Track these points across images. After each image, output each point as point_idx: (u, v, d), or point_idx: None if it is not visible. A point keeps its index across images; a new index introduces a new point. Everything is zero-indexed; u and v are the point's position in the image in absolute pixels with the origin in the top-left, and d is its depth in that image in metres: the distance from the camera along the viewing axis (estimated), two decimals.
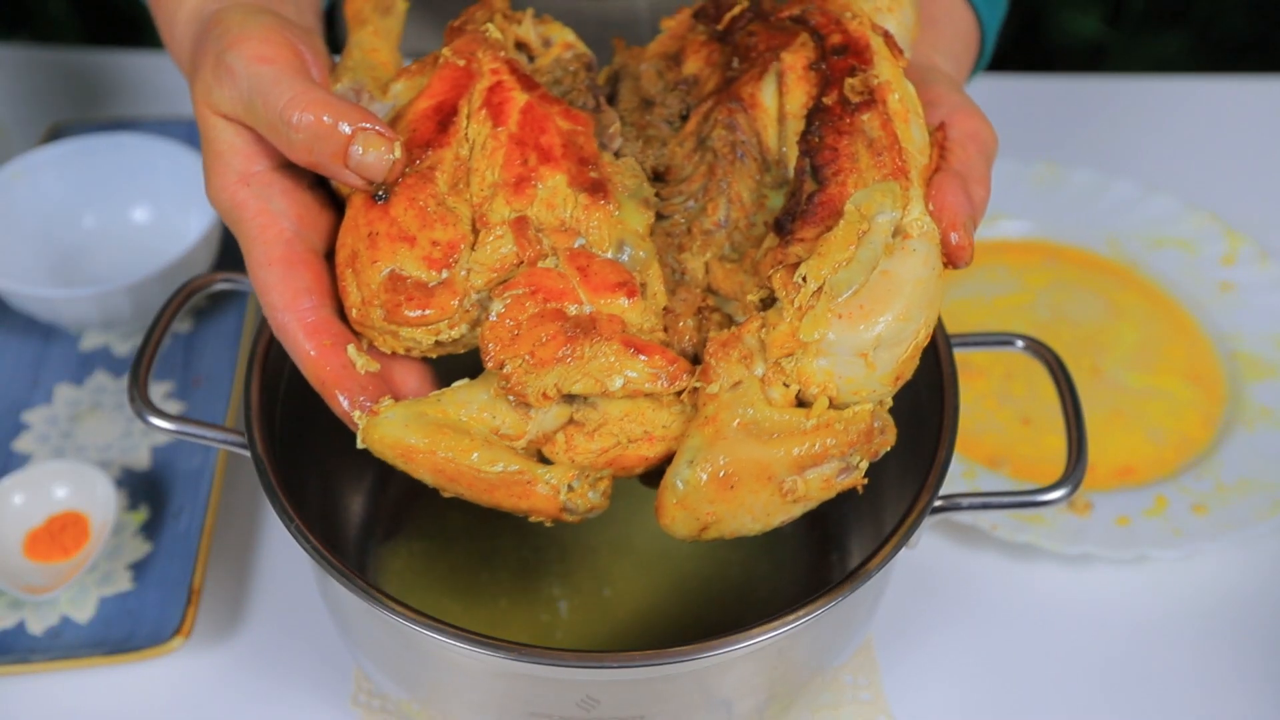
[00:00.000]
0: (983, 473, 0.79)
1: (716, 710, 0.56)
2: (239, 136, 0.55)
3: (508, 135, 0.56)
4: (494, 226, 0.54)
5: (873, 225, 0.52)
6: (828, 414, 0.51)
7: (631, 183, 0.57)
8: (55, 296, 0.82)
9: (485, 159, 0.55)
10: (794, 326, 0.51)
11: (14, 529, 0.75)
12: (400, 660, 0.58)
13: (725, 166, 0.58)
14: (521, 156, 0.55)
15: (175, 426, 0.60)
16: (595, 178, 0.55)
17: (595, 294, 0.53)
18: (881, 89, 0.55)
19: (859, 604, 0.59)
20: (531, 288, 0.53)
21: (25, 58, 1.15)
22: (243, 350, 0.86)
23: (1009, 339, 0.65)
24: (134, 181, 0.93)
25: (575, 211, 0.55)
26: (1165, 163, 1.06)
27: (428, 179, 0.55)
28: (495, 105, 0.56)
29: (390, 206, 0.54)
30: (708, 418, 0.51)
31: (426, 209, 0.54)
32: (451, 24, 0.62)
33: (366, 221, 0.54)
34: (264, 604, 0.75)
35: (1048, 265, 0.95)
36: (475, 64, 0.57)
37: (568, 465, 0.53)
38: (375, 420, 0.53)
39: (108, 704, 0.70)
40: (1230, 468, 0.80)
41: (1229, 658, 0.73)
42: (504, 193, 0.55)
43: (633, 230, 0.55)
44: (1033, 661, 0.73)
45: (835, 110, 0.55)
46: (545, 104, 0.57)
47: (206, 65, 0.55)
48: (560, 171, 0.55)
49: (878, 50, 0.57)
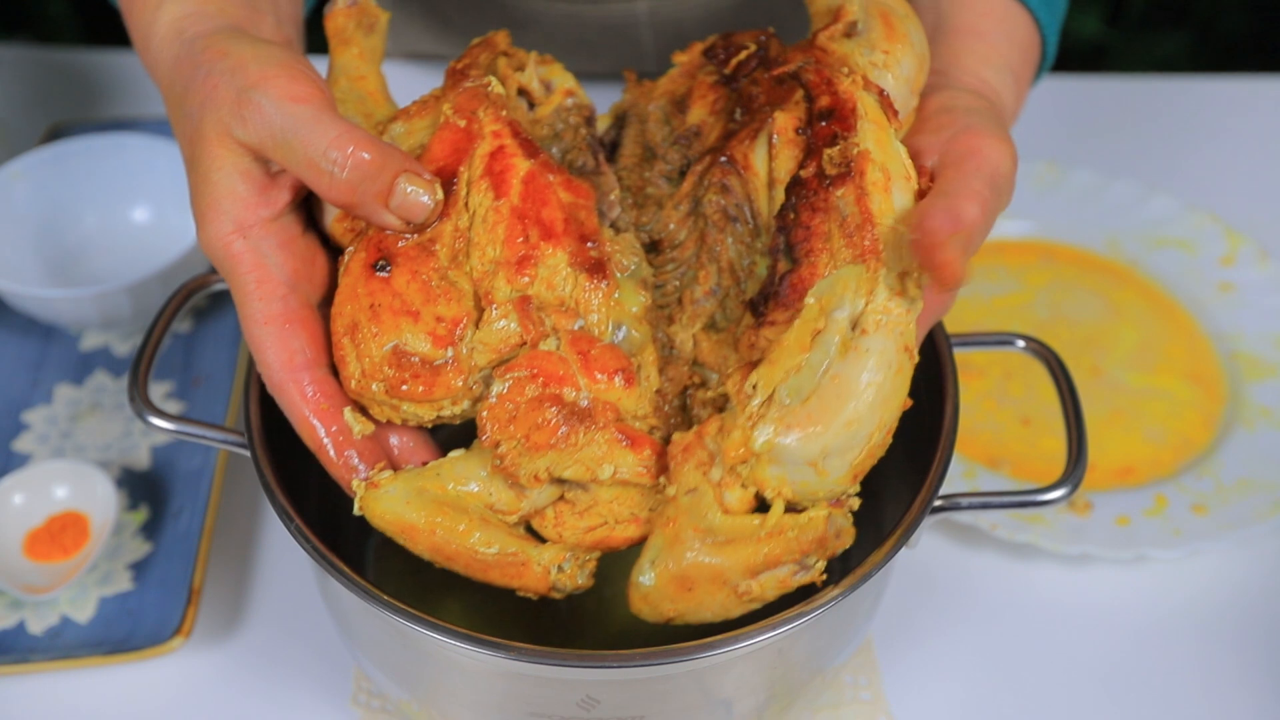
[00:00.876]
0: (982, 473, 0.79)
1: (716, 710, 0.56)
2: (242, 182, 0.54)
3: (509, 208, 0.55)
4: (498, 305, 0.54)
5: (829, 323, 0.51)
6: (781, 520, 0.51)
7: (630, 261, 0.57)
8: (55, 296, 0.82)
9: (486, 232, 0.55)
10: (746, 435, 0.51)
11: (14, 529, 0.75)
12: (400, 660, 0.58)
13: (715, 234, 0.57)
14: (523, 232, 0.55)
15: (175, 426, 0.60)
16: (596, 257, 0.55)
17: (593, 379, 0.53)
18: (861, 159, 0.53)
19: (859, 604, 0.59)
20: (532, 371, 0.53)
21: (25, 58, 1.15)
22: (243, 350, 0.86)
23: (1009, 339, 0.65)
24: (134, 181, 0.93)
25: (575, 292, 0.55)
26: (1165, 163, 1.06)
27: (429, 252, 0.54)
28: (497, 174, 0.55)
29: (393, 279, 0.54)
30: (669, 519, 0.52)
31: (430, 283, 0.54)
32: (454, 65, 0.61)
33: (368, 292, 0.54)
34: (264, 604, 0.75)
35: (1047, 265, 0.95)
36: (476, 124, 0.56)
37: (558, 546, 0.54)
38: (375, 493, 0.54)
39: (108, 704, 0.70)
40: (1230, 468, 0.80)
41: (1229, 658, 0.73)
42: (505, 271, 0.54)
43: (630, 313, 0.56)
44: (1033, 661, 0.73)
45: (812, 184, 0.53)
46: (546, 172, 0.56)
47: (223, 100, 0.53)
48: (561, 250, 0.55)
49: (864, 114, 0.55)
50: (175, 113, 0.56)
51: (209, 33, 0.56)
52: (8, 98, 1.10)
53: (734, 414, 0.51)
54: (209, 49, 0.55)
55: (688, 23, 1.04)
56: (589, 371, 0.53)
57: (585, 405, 0.53)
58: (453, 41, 1.08)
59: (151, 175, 0.93)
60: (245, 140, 0.53)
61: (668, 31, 1.05)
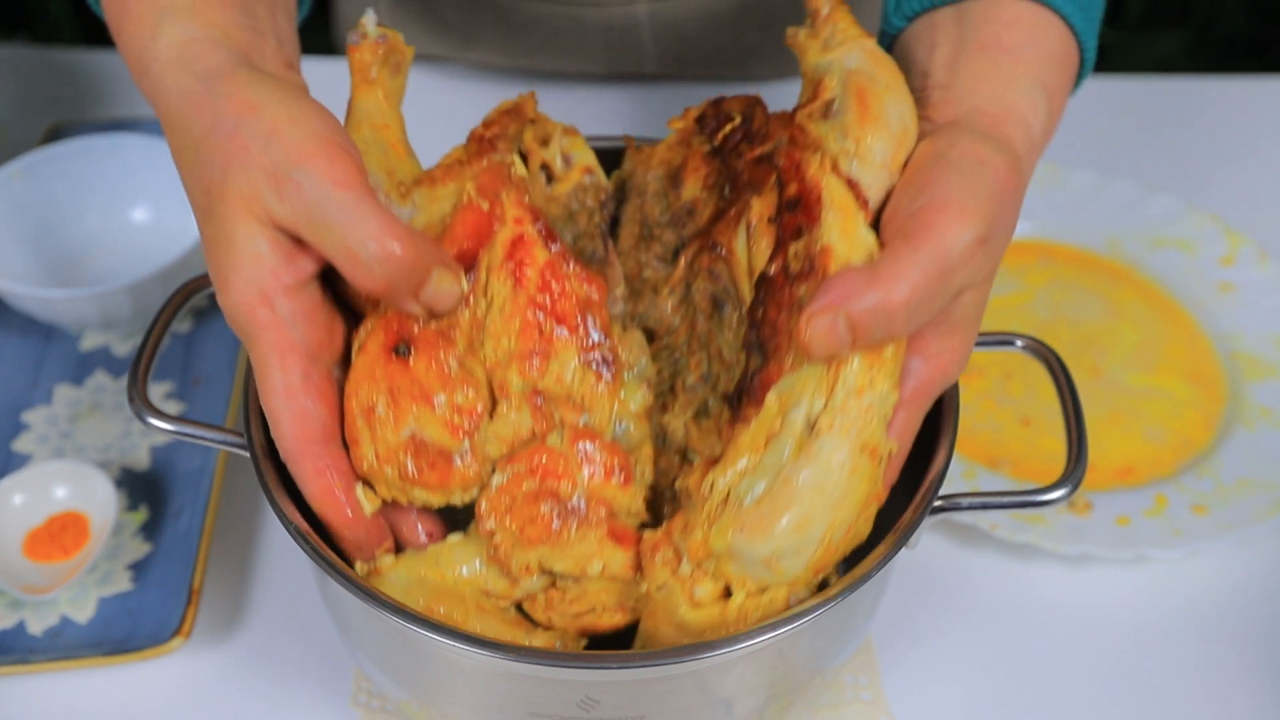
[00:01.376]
0: (983, 473, 0.79)
1: (716, 710, 0.56)
2: (270, 248, 0.52)
3: (526, 299, 0.55)
4: (512, 398, 0.55)
5: (784, 424, 0.51)
6: (744, 606, 0.53)
7: (635, 359, 0.57)
8: (55, 296, 0.82)
9: (503, 322, 0.55)
10: (705, 534, 0.52)
11: (14, 529, 0.75)
12: (400, 660, 0.58)
13: (704, 321, 0.57)
14: (538, 325, 0.55)
15: (175, 427, 0.60)
16: (606, 355, 0.56)
17: (592, 476, 0.54)
18: (823, 255, 0.52)
19: (859, 604, 0.59)
20: (531, 465, 0.54)
21: (25, 58, 1.15)
22: (242, 351, 0.86)
23: (1009, 339, 0.65)
24: (134, 181, 0.93)
25: (582, 388, 0.55)
26: (1165, 163, 1.06)
27: (448, 338, 0.54)
28: (517, 263, 0.55)
29: (412, 363, 0.53)
30: (649, 612, 0.55)
31: (449, 370, 0.54)
32: (479, 131, 0.60)
33: (386, 375, 0.53)
34: (264, 604, 0.75)
35: (1047, 265, 0.95)
36: (499, 208, 0.56)
37: (549, 633, 0.56)
38: (378, 578, 0.55)
39: (107, 704, 0.70)
40: (1230, 468, 0.80)
41: (1229, 658, 0.73)
42: (519, 363, 0.55)
43: (631, 410, 0.57)
44: (1033, 661, 0.73)
45: (778, 280, 0.53)
46: (563, 263, 0.56)
47: (255, 166, 0.51)
48: (573, 346, 0.55)
49: (829, 203, 0.53)
50: (186, 154, 0.54)
51: (224, 70, 0.53)
52: (8, 98, 1.10)
53: (696, 511, 0.52)
54: (232, 97, 0.52)
55: (688, 24, 1.04)
56: (589, 468, 0.54)
57: (580, 501, 0.54)
58: (451, 43, 1.08)
59: (151, 175, 0.93)
60: (279, 216, 0.51)
61: (668, 33, 1.05)
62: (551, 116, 0.60)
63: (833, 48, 0.57)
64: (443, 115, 1.08)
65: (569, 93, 1.09)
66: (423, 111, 1.07)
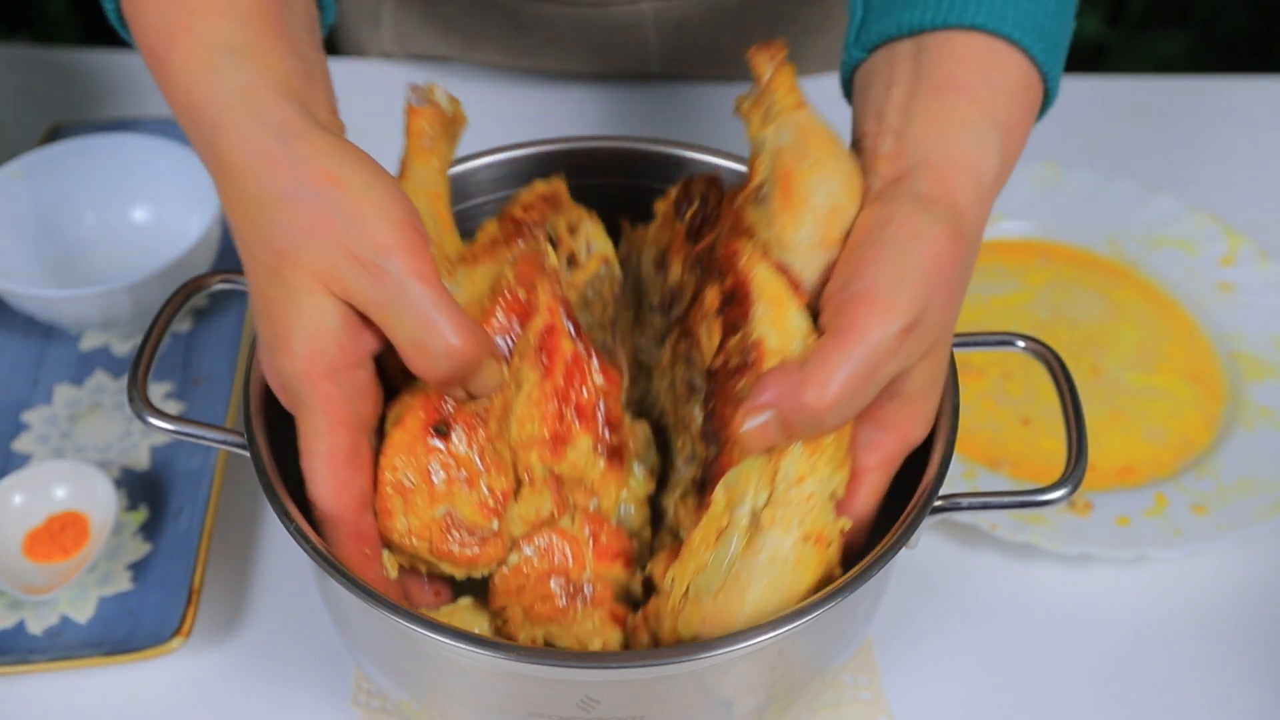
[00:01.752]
0: (983, 473, 0.79)
1: (716, 710, 0.56)
2: (341, 323, 0.52)
3: (552, 388, 0.58)
4: (535, 481, 0.57)
5: (731, 519, 0.53)
6: None
7: (641, 449, 0.60)
8: (55, 296, 0.82)
9: (530, 408, 0.57)
10: (672, 624, 0.55)
11: (14, 529, 0.75)
12: (400, 660, 0.58)
13: (683, 405, 0.59)
14: (560, 413, 0.57)
15: (175, 427, 0.60)
16: (616, 444, 0.59)
17: (599, 558, 0.57)
18: (756, 350, 0.53)
19: (859, 604, 0.59)
20: (546, 547, 0.57)
21: (25, 58, 1.15)
22: (243, 350, 0.86)
23: (1009, 339, 0.65)
24: (134, 181, 0.93)
25: (595, 474, 0.58)
26: (1165, 163, 1.06)
27: (483, 421, 0.56)
28: (548, 352, 0.58)
29: (450, 444, 0.55)
30: None
31: (484, 453, 0.55)
32: (514, 212, 0.63)
33: (426, 452, 0.55)
34: (264, 604, 0.75)
35: (1047, 265, 0.95)
36: (534, 297, 0.58)
37: None
38: None
39: (107, 704, 0.70)
40: (1230, 468, 0.80)
41: (1229, 658, 0.73)
42: (540, 448, 0.57)
43: (637, 496, 0.60)
44: (1033, 661, 0.73)
45: (721, 374, 0.55)
46: (586, 356, 0.59)
47: (336, 242, 0.51)
48: (590, 434, 0.58)
49: (759, 296, 0.54)
50: (252, 209, 0.53)
51: (298, 129, 0.53)
52: (8, 98, 1.10)
53: (664, 601, 0.55)
54: (313, 165, 0.52)
55: (693, 23, 1.04)
56: (596, 550, 0.57)
57: (587, 584, 0.57)
58: (455, 44, 1.08)
59: (151, 175, 0.93)
60: (355, 294, 0.52)
61: (672, 32, 1.05)
62: (556, 117, 0.61)
63: (770, 120, 0.58)
64: None
65: (572, 93, 1.09)
66: None
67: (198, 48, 0.54)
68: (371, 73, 1.11)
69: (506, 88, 1.10)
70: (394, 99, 0.64)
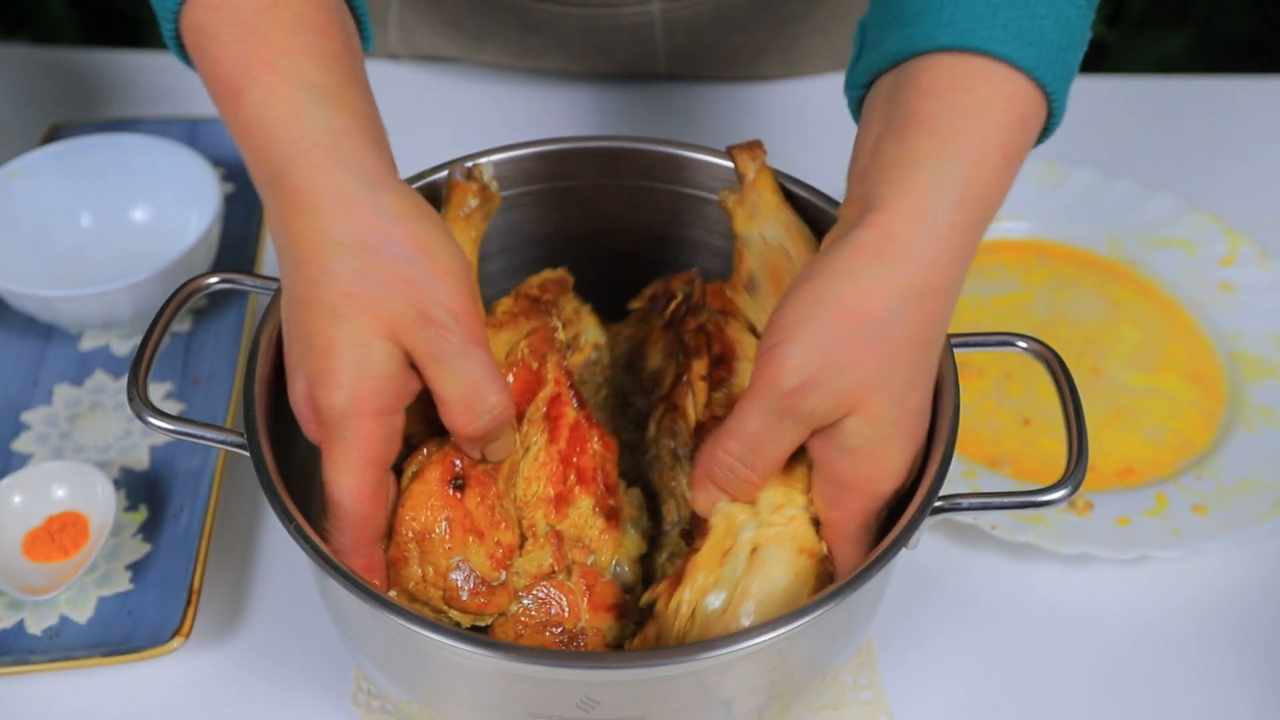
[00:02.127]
0: (983, 473, 0.79)
1: (716, 711, 0.56)
2: (399, 369, 0.55)
3: (557, 452, 0.62)
4: (538, 538, 0.61)
5: (736, 542, 0.58)
6: None
7: (634, 513, 0.65)
8: (55, 296, 0.82)
9: (536, 469, 0.62)
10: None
11: (13, 529, 0.75)
12: (400, 660, 0.58)
13: (668, 473, 0.65)
14: (564, 475, 0.62)
15: (174, 427, 0.60)
16: (613, 505, 0.63)
17: (593, 610, 0.60)
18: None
19: (859, 604, 0.59)
20: (544, 597, 0.60)
21: (25, 58, 1.15)
22: (243, 350, 0.86)
23: (1010, 339, 0.65)
24: (134, 181, 0.93)
25: (592, 533, 0.62)
26: (1165, 163, 1.06)
27: (494, 479, 0.60)
28: (554, 419, 0.63)
29: (465, 498, 0.58)
30: None
31: (494, 508, 0.59)
32: (531, 291, 0.69)
33: (443, 505, 0.58)
34: (264, 604, 0.75)
35: (1047, 265, 0.95)
36: (544, 369, 0.63)
37: None
38: None
39: (107, 704, 0.70)
40: (1231, 468, 0.80)
41: (1230, 658, 0.73)
42: (545, 507, 0.62)
43: (629, 554, 0.64)
44: (1033, 661, 0.73)
45: (708, 426, 0.61)
46: (588, 424, 0.64)
47: (411, 302, 0.54)
48: (589, 495, 0.63)
49: (743, 355, 0.63)
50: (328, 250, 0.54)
51: (382, 179, 0.55)
52: (8, 98, 1.10)
53: (667, 625, 0.58)
54: (401, 228, 0.54)
55: (701, 22, 1.04)
56: (590, 602, 0.60)
57: (581, 633, 0.60)
58: (462, 44, 1.08)
59: (151, 175, 0.93)
60: (416, 347, 0.55)
61: (680, 33, 1.05)
62: (563, 117, 0.62)
63: (755, 218, 0.67)
64: (454, 115, 1.09)
65: (577, 93, 1.09)
66: (433, 113, 1.08)
67: (281, 85, 0.55)
68: (378, 73, 1.11)
69: (511, 87, 1.10)
70: (399, 100, 0.64)
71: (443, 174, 0.68)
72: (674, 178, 0.72)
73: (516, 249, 0.76)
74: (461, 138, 0.64)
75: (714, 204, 0.72)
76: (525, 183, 0.73)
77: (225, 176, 1.01)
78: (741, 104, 1.10)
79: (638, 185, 0.73)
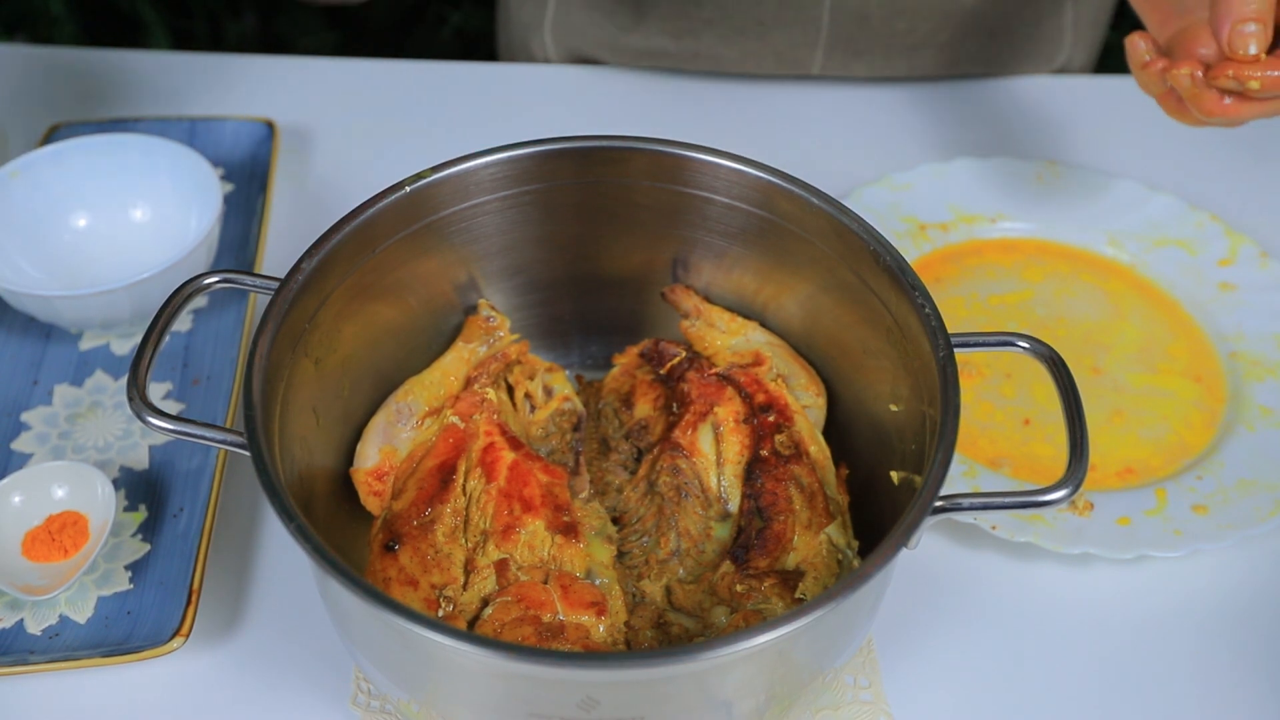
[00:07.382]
0: (983, 473, 0.79)
1: (717, 711, 0.56)
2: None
3: (498, 490, 0.68)
4: (481, 569, 0.65)
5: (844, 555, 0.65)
6: None
7: (597, 523, 0.70)
8: (55, 296, 0.82)
9: (479, 510, 0.68)
10: None
11: (13, 529, 0.75)
12: (400, 660, 0.58)
13: (671, 506, 0.70)
14: (508, 507, 0.67)
15: (174, 427, 0.60)
16: (568, 521, 0.68)
17: (571, 608, 0.63)
18: (803, 444, 0.70)
19: (859, 604, 0.59)
20: (519, 597, 0.63)
21: (25, 58, 1.15)
22: (243, 350, 0.86)
23: (1010, 339, 0.65)
24: (134, 181, 0.93)
25: (552, 550, 0.66)
26: (1165, 163, 1.06)
27: (429, 530, 0.66)
28: (488, 464, 0.69)
29: (399, 555, 0.65)
30: None
31: (427, 557, 0.65)
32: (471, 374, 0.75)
33: (382, 567, 0.65)
34: (264, 604, 0.75)
35: (1047, 264, 0.95)
36: (472, 425, 0.71)
37: None
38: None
39: (107, 704, 0.70)
40: (1231, 468, 0.80)
41: (1229, 658, 0.73)
42: (494, 538, 0.66)
43: (599, 561, 0.68)
44: (1033, 661, 0.73)
45: (771, 461, 0.69)
46: (528, 461, 0.69)
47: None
48: (539, 518, 0.67)
49: (796, 409, 0.72)
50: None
51: None
52: (8, 98, 1.10)
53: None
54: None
55: (871, 4, 1.04)
56: (567, 601, 0.63)
57: (559, 623, 0.62)
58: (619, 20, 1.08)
59: (151, 175, 0.93)
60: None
61: (848, 13, 1.04)
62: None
63: (731, 332, 0.76)
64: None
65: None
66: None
67: None
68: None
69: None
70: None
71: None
72: (674, 178, 0.73)
73: (517, 248, 0.76)
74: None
75: (714, 204, 0.73)
76: (525, 183, 0.73)
77: (225, 176, 1.01)
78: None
79: (638, 185, 0.73)
